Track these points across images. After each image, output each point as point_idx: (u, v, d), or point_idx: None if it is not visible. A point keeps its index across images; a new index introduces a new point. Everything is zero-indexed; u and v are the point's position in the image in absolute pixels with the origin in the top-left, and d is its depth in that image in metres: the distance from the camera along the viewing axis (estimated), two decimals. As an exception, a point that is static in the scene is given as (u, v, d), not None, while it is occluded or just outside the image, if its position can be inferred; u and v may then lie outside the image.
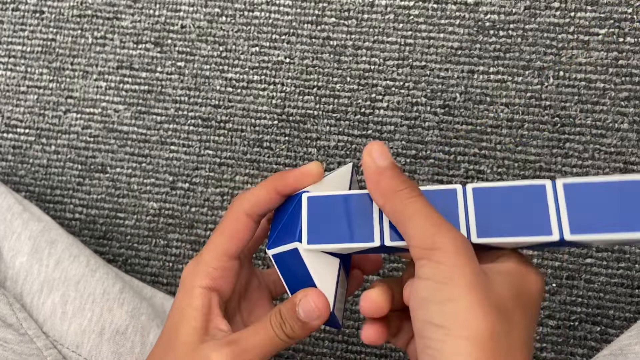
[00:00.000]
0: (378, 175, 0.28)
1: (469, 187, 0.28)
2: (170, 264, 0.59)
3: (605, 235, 0.25)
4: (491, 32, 0.57)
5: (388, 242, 0.29)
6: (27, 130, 0.61)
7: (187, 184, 0.59)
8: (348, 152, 0.58)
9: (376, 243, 0.29)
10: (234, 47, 0.60)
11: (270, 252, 0.31)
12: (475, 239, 0.27)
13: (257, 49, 0.60)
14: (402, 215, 0.27)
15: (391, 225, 0.29)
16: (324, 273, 0.30)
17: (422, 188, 0.29)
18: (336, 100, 0.58)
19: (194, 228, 0.59)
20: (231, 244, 0.32)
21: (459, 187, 0.28)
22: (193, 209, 0.59)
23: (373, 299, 0.29)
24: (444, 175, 0.57)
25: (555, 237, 0.26)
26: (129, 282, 0.52)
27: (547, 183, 0.27)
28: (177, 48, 0.60)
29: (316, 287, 0.30)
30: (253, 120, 0.59)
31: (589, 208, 0.26)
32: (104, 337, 0.45)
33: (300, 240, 0.30)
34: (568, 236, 0.26)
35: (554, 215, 0.26)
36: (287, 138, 0.59)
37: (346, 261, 0.33)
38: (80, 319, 0.45)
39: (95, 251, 0.58)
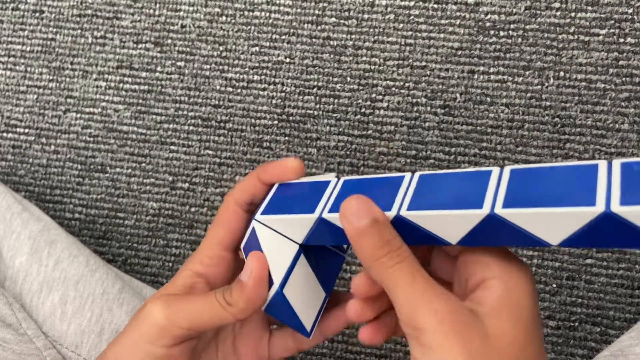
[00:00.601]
0: (357, 238, 0.26)
1: (417, 174, 0.28)
2: (170, 264, 0.59)
3: (541, 209, 0.23)
4: (491, 32, 0.57)
5: (325, 214, 0.28)
6: (26, 130, 0.61)
7: (186, 184, 0.59)
8: (348, 152, 0.58)
9: (315, 214, 0.28)
10: (234, 47, 0.60)
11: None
12: (404, 212, 0.26)
13: (257, 48, 0.60)
14: (385, 286, 0.26)
15: (337, 198, 0.29)
16: (277, 253, 0.30)
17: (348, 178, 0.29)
18: (336, 100, 0.58)
19: (193, 228, 0.59)
20: (224, 232, 0.33)
21: (408, 174, 0.28)
22: (193, 209, 0.59)
23: (358, 281, 0.29)
24: (444, 175, 0.57)
25: (485, 210, 0.24)
26: (128, 282, 0.52)
27: (495, 170, 0.26)
28: (177, 48, 0.60)
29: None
30: (253, 120, 0.59)
31: (532, 188, 0.24)
32: (103, 337, 0.45)
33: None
34: (499, 210, 0.24)
35: (491, 193, 0.25)
36: (287, 138, 0.59)
37: (324, 267, 0.33)
38: (80, 319, 0.45)
39: (94, 251, 0.58)
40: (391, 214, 0.26)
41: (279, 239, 0.31)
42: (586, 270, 0.54)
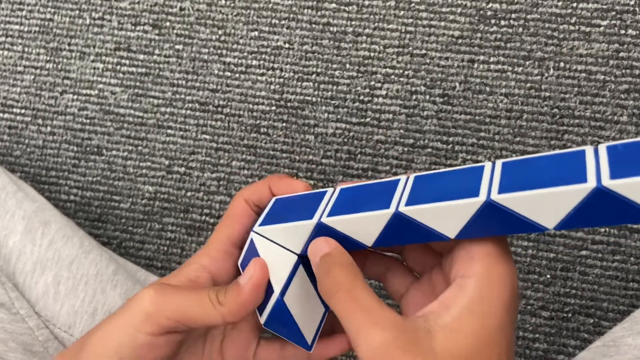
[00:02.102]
0: (316, 271, 0.28)
1: (412, 175, 0.29)
2: (165, 248, 0.59)
3: (535, 191, 0.24)
4: (492, 21, 0.57)
5: (324, 219, 0.29)
6: (23, 111, 0.61)
7: (183, 168, 0.59)
8: (346, 140, 0.57)
9: (314, 220, 0.29)
10: (233, 31, 0.60)
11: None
12: (402, 208, 0.27)
13: (256, 33, 0.59)
14: (337, 308, 0.27)
15: (335, 205, 0.29)
16: (276, 263, 0.30)
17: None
18: (335, 87, 0.58)
19: (189, 212, 0.59)
20: (233, 228, 0.33)
21: (403, 177, 0.29)
22: (189, 194, 0.59)
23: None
24: (442, 164, 0.56)
25: (482, 197, 0.24)
26: (122, 264, 0.52)
27: (488, 164, 0.26)
28: (175, 31, 0.60)
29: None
30: (251, 106, 0.59)
31: (524, 175, 0.25)
32: (96, 318, 0.45)
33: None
34: (495, 196, 0.24)
35: (486, 183, 0.25)
36: (284, 124, 0.58)
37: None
38: (73, 300, 0.45)
39: (89, 233, 0.58)
40: (389, 211, 0.27)
41: (278, 250, 0.31)
42: (581, 262, 0.54)
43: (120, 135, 0.60)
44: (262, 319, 0.31)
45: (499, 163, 0.26)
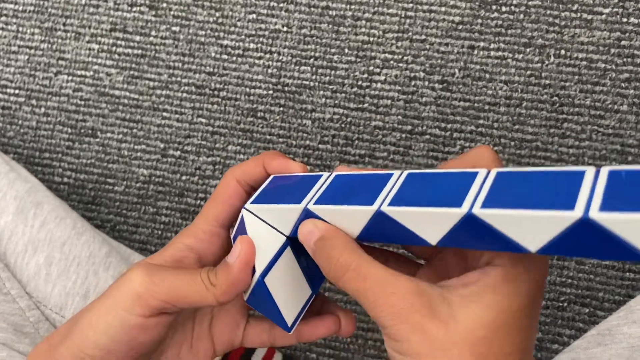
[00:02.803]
0: (313, 256, 0.28)
1: (406, 172, 0.28)
2: (159, 232, 0.58)
3: (518, 211, 0.22)
4: (493, 7, 0.56)
5: (310, 206, 0.28)
6: (16, 91, 0.60)
7: (178, 152, 0.58)
8: (343, 125, 0.57)
9: (301, 205, 0.28)
10: (230, 13, 0.59)
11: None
12: (385, 207, 0.26)
13: (254, 16, 0.59)
14: (350, 287, 0.26)
15: (325, 192, 0.29)
16: (263, 242, 0.30)
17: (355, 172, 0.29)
18: (333, 72, 0.57)
19: (184, 196, 0.58)
20: (222, 209, 0.32)
21: (397, 172, 0.28)
22: (184, 177, 0.58)
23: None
24: (439, 152, 0.56)
25: (463, 209, 0.23)
26: (116, 247, 0.51)
27: (482, 172, 0.25)
28: (172, 12, 0.59)
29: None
30: (248, 90, 0.58)
31: (515, 190, 0.23)
32: (88, 300, 0.44)
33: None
34: (477, 210, 0.23)
35: (473, 193, 0.24)
36: (281, 109, 0.58)
37: (314, 267, 0.32)
38: (65, 281, 0.44)
39: (83, 216, 0.57)
40: (372, 208, 0.26)
41: (267, 229, 0.30)
42: (577, 251, 0.54)
43: (115, 117, 0.59)
44: (245, 296, 0.31)
45: (493, 172, 0.25)
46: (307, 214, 0.29)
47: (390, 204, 0.26)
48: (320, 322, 0.33)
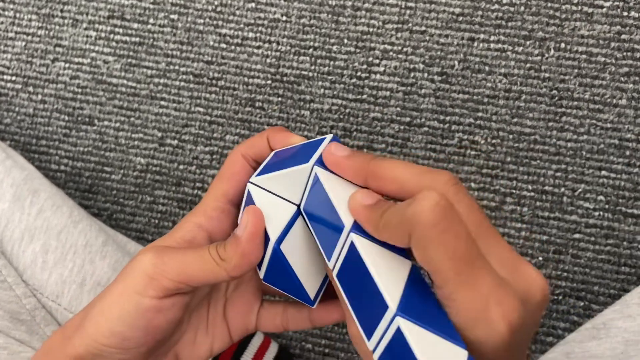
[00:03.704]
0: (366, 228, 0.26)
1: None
2: (156, 221, 0.58)
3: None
4: (494, -1, 0.56)
5: (315, 167, 0.28)
6: (13, 78, 0.60)
7: (176, 141, 0.58)
8: (341, 116, 0.57)
9: (309, 164, 0.28)
10: (229, 1, 0.58)
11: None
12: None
13: (253, 4, 0.58)
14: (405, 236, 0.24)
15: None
16: (274, 212, 0.29)
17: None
18: (332, 62, 0.57)
19: (181, 186, 0.58)
20: (229, 185, 0.31)
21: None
22: (181, 167, 0.58)
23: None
24: (438, 144, 0.56)
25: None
26: (112, 236, 0.51)
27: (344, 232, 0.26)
28: (170, 0, 0.59)
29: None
30: (246, 79, 0.58)
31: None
32: (84, 288, 0.44)
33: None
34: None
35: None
36: (280, 99, 0.57)
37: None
38: (61, 269, 0.44)
39: (80, 204, 0.57)
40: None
41: (275, 200, 0.29)
42: (573, 245, 0.54)
43: (112, 105, 0.59)
44: (261, 274, 0.30)
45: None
46: (316, 183, 0.28)
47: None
48: (335, 307, 0.32)
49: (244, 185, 0.31)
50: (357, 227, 0.25)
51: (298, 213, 0.30)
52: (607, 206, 0.54)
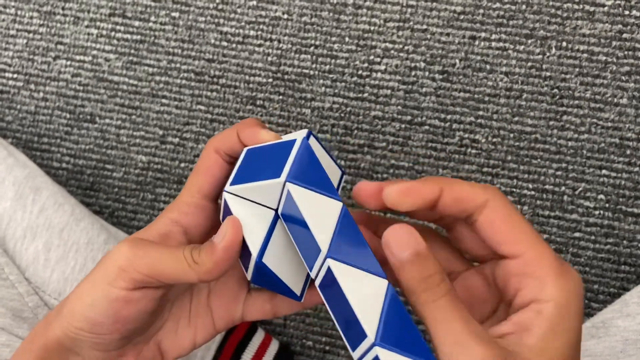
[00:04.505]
0: (398, 269, 0.26)
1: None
2: (158, 219, 0.58)
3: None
4: (495, -3, 0.56)
5: (288, 184, 0.28)
6: (15, 75, 0.60)
7: (177, 139, 0.58)
8: (342, 115, 0.57)
9: (281, 179, 0.28)
10: (230, -1, 0.58)
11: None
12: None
13: (254, 2, 0.58)
14: (422, 319, 0.26)
15: (296, 161, 0.29)
16: (252, 222, 0.29)
17: None
18: (333, 61, 0.57)
19: (182, 184, 0.58)
20: (204, 180, 0.32)
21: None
22: (182, 165, 0.58)
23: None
24: (439, 142, 0.56)
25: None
26: (114, 233, 0.51)
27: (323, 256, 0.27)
28: (172, -2, 0.59)
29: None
30: (247, 77, 0.58)
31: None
32: (86, 286, 0.45)
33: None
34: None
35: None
36: (281, 97, 0.58)
37: None
38: (64, 267, 0.45)
39: (81, 202, 0.57)
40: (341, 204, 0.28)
41: (253, 208, 0.30)
42: (573, 244, 0.54)
43: (113, 103, 0.59)
44: (248, 276, 0.30)
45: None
46: (288, 199, 0.28)
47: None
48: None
49: (218, 180, 0.32)
50: (334, 252, 0.26)
51: (277, 217, 0.30)
52: (607, 205, 0.54)
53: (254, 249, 0.29)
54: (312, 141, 0.31)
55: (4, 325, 0.40)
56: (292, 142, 0.29)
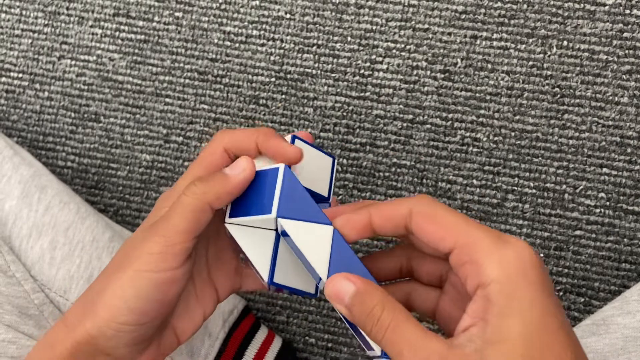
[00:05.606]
0: (348, 316, 0.28)
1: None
2: (161, 217, 0.59)
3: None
4: (497, -3, 0.56)
5: (280, 220, 0.29)
6: (20, 75, 0.60)
7: (181, 138, 0.59)
8: (345, 114, 0.57)
9: (272, 215, 0.29)
10: (233, -1, 0.59)
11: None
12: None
13: (257, 2, 0.58)
14: (385, 349, 0.27)
15: (283, 195, 0.30)
16: (256, 246, 0.31)
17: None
18: (335, 60, 0.58)
19: (186, 182, 0.59)
20: (206, 174, 0.32)
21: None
22: (186, 163, 0.59)
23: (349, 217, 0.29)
24: (440, 141, 0.56)
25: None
26: (119, 232, 0.52)
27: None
28: (175, -2, 0.59)
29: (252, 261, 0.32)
30: (250, 77, 0.58)
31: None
32: (91, 284, 0.45)
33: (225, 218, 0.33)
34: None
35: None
36: (283, 96, 0.58)
37: None
38: (69, 265, 0.45)
39: (86, 200, 0.58)
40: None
41: (254, 232, 0.31)
42: (574, 242, 0.55)
43: (118, 102, 0.59)
44: (265, 283, 0.32)
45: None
46: (282, 231, 0.30)
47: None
48: None
49: None
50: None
51: (278, 237, 0.32)
52: (608, 203, 0.54)
53: (264, 274, 0.31)
54: (298, 143, 0.32)
55: (10, 323, 0.40)
56: (275, 171, 0.30)
